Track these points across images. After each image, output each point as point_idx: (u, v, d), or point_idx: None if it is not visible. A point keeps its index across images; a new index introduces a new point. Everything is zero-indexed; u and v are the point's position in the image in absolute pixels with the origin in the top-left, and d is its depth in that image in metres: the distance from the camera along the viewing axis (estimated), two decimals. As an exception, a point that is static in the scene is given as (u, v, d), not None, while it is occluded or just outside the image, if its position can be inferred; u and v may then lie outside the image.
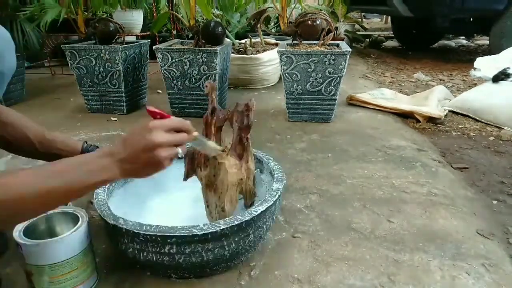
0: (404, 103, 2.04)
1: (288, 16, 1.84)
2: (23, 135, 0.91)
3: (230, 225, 0.71)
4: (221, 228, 0.70)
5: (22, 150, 0.94)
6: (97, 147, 0.99)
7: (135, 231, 0.70)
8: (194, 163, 0.88)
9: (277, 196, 0.80)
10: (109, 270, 0.81)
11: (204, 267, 0.77)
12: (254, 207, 0.76)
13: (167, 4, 3.24)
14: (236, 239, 0.74)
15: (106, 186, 0.86)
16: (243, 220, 0.72)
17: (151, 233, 0.69)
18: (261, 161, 0.98)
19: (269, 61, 2.45)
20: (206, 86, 0.89)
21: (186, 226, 0.70)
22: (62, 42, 3.18)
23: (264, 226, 0.79)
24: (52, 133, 0.95)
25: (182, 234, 0.69)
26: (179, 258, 0.72)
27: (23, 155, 0.97)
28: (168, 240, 0.70)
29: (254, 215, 0.73)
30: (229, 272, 0.80)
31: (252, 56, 2.42)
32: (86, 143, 0.99)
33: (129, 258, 0.76)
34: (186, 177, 0.90)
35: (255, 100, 0.85)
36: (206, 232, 0.70)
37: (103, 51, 1.77)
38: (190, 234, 0.69)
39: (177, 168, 0.88)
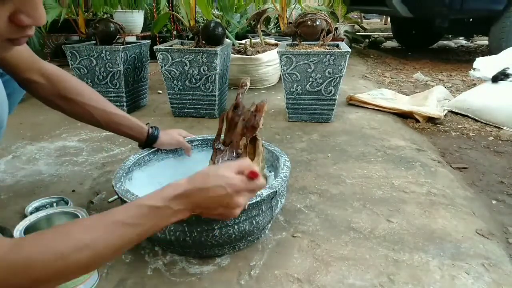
0: (403, 103, 2.05)
1: (288, 17, 1.84)
2: (89, 114, 0.93)
3: None
4: None
5: (90, 124, 0.97)
6: (158, 130, 1.02)
7: (120, 195, 0.79)
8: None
9: (253, 200, 0.76)
10: (109, 270, 0.81)
11: (170, 245, 0.82)
12: None
13: (167, 4, 3.24)
14: (198, 229, 0.75)
15: (141, 156, 0.98)
16: None
17: (128, 200, 0.76)
18: (280, 166, 0.93)
19: (269, 62, 2.46)
20: (242, 82, 0.91)
21: None
22: (62, 42, 3.18)
23: (236, 226, 0.77)
24: (118, 115, 0.96)
25: None
26: None
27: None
28: None
29: None
30: (229, 272, 0.80)
31: (252, 56, 2.43)
32: (149, 124, 1.01)
33: None
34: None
35: (258, 101, 0.85)
36: None
37: (103, 51, 1.78)
38: None
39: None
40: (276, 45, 2.74)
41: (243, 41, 2.88)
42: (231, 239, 0.79)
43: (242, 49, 2.60)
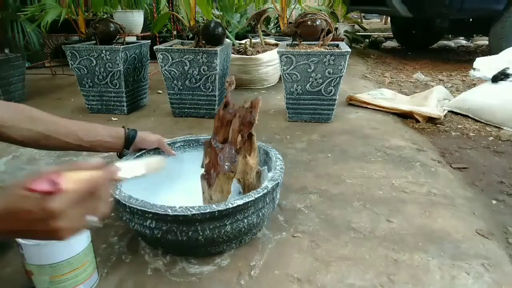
0: (403, 103, 2.05)
1: (288, 17, 1.84)
2: (62, 144, 0.86)
3: (202, 211, 0.72)
4: (193, 213, 0.72)
5: (64, 149, 0.90)
6: (135, 130, 0.99)
7: (123, 202, 0.76)
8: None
9: (261, 193, 0.78)
10: (109, 270, 0.81)
11: (181, 247, 0.81)
12: (233, 199, 0.76)
13: (167, 4, 3.24)
14: (211, 227, 0.75)
15: (126, 162, 0.91)
16: (216, 210, 0.73)
17: (134, 206, 0.74)
18: (271, 159, 0.96)
19: (269, 62, 2.46)
20: (227, 81, 0.90)
21: (164, 205, 0.74)
22: (62, 42, 3.19)
23: (245, 220, 0.78)
24: (90, 123, 0.92)
25: (157, 211, 0.73)
26: (157, 233, 0.76)
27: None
28: (147, 215, 0.75)
29: (228, 207, 0.73)
30: (229, 272, 0.80)
31: (252, 56, 2.43)
32: (124, 127, 0.98)
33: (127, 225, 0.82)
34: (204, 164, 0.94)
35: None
36: (177, 214, 0.72)
37: (103, 51, 1.78)
38: (164, 213, 0.72)
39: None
40: (276, 45, 2.74)
41: (243, 41, 2.88)
42: (240, 233, 0.80)
43: (242, 49, 2.60)
